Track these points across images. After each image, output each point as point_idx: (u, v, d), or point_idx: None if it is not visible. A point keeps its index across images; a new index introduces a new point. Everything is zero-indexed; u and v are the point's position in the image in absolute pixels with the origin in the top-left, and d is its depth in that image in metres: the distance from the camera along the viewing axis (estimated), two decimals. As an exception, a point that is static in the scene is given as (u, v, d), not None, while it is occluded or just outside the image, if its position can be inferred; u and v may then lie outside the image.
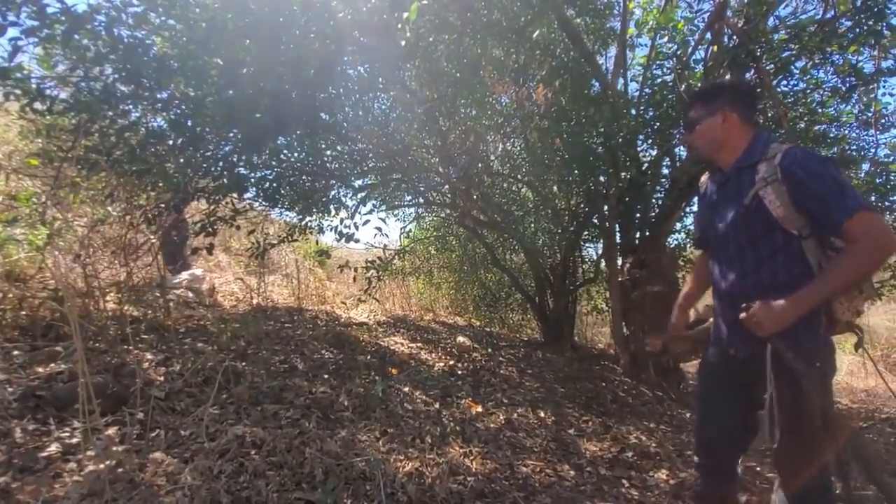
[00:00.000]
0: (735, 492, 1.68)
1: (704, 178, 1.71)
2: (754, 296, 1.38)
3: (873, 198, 3.74)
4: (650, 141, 4.23)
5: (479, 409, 3.05)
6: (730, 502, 1.66)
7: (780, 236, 1.38)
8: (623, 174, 4.11)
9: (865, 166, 3.94)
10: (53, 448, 1.73)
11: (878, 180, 3.69)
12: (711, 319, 1.69)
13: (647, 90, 4.07)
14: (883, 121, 3.98)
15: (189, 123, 2.78)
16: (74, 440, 1.78)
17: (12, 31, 2.11)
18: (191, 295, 4.20)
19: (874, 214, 1.27)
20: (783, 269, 1.38)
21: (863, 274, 1.29)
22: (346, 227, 4.04)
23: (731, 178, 1.50)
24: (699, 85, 1.44)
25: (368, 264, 4.34)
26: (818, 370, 1.38)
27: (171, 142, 2.85)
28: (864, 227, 1.24)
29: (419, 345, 4.37)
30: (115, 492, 1.56)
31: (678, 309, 1.81)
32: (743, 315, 1.37)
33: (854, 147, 4.11)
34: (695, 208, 3.85)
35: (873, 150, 3.95)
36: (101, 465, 1.63)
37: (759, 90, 3.19)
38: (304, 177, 3.83)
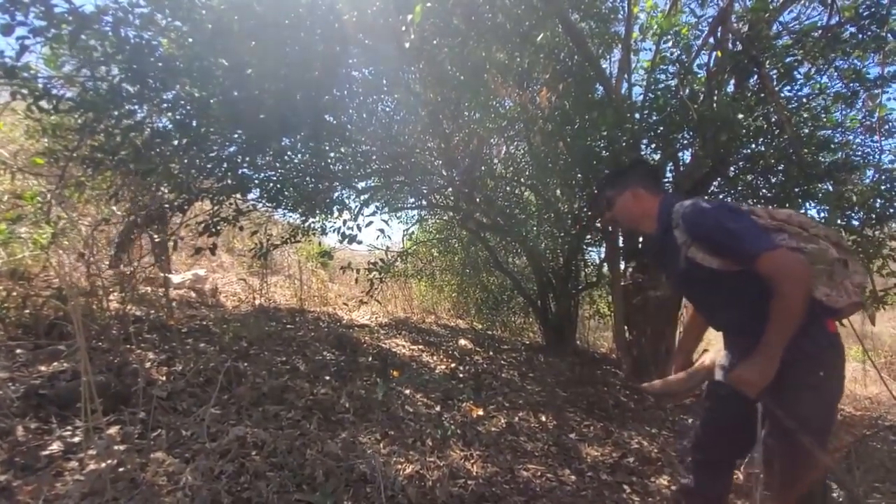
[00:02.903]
0: (725, 495, 1.68)
1: (647, 246, 1.78)
2: (742, 327, 1.49)
3: (878, 204, 3.72)
4: (654, 145, 4.22)
5: (481, 412, 3.04)
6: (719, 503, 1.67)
7: (731, 277, 1.44)
8: (626, 178, 4.10)
9: (870, 172, 3.93)
10: (55, 446, 1.73)
11: (882, 187, 3.67)
12: (706, 360, 1.74)
13: (650, 95, 4.07)
14: (887, 126, 3.96)
15: (194, 124, 2.79)
16: (76, 439, 1.78)
17: (20, 31, 2.13)
18: (193, 295, 4.21)
19: (774, 253, 1.34)
20: (754, 298, 1.41)
21: (795, 308, 1.33)
22: (348, 228, 4.04)
23: (663, 245, 1.60)
24: (604, 176, 1.77)
25: (371, 266, 4.34)
26: (820, 379, 1.39)
27: (175, 142, 2.86)
28: (770, 268, 1.33)
29: (421, 347, 4.36)
30: (116, 491, 1.56)
31: (678, 352, 1.88)
32: (729, 381, 1.43)
33: (858, 153, 4.10)
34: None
35: (878, 156, 3.94)
36: (103, 464, 1.63)
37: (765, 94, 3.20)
38: (307, 178, 3.84)
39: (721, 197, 4.33)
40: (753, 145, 3.80)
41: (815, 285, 1.40)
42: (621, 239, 4.55)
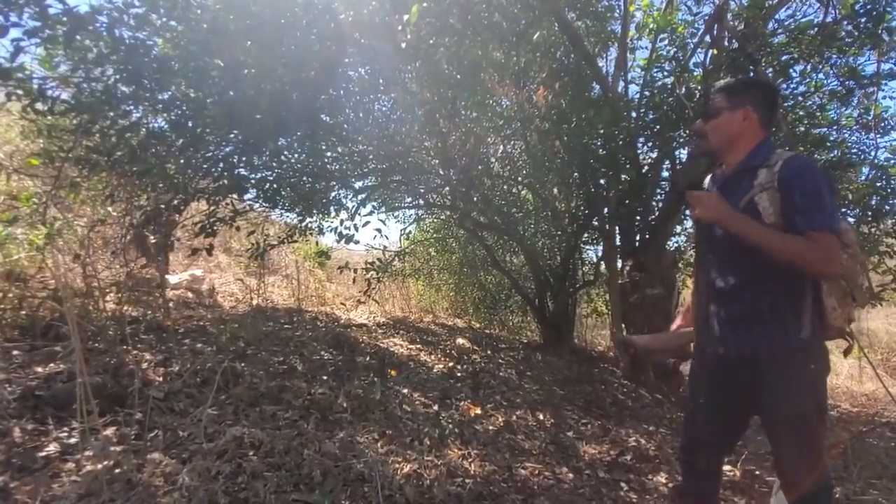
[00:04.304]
0: (716, 491, 1.70)
1: (708, 178, 1.73)
2: (752, 298, 1.43)
3: (874, 201, 3.74)
4: (650, 143, 4.23)
5: (478, 411, 3.04)
6: (710, 501, 1.68)
7: None
8: (623, 177, 4.11)
9: (865, 170, 3.95)
10: (52, 448, 1.73)
11: (878, 184, 3.69)
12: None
13: (646, 93, 4.08)
14: (883, 124, 3.99)
15: (190, 124, 2.79)
16: (73, 440, 1.78)
17: (14, 32, 2.11)
18: (190, 295, 4.21)
19: (832, 238, 1.35)
20: (766, 276, 1.41)
21: (798, 263, 1.34)
22: (346, 228, 4.04)
23: (731, 180, 1.52)
24: (726, 81, 1.49)
25: (368, 266, 4.34)
26: (812, 372, 1.41)
27: (171, 142, 2.85)
28: (822, 244, 1.32)
29: (418, 346, 4.36)
30: (113, 492, 1.56)
31: (681, 317, 1.85)
32: (693, 195, 1.45)
33: (854, 150, 4.12)
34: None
35: (873, 154, 3.97)
36: (99, 466, 1.63)
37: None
38: (304, 178, 3.84)
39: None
40: (750, 143, 3.80)
41: (831, 289, 1.43)
42: (618, 237, 4.56)
